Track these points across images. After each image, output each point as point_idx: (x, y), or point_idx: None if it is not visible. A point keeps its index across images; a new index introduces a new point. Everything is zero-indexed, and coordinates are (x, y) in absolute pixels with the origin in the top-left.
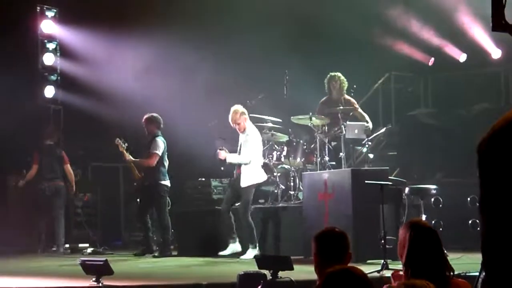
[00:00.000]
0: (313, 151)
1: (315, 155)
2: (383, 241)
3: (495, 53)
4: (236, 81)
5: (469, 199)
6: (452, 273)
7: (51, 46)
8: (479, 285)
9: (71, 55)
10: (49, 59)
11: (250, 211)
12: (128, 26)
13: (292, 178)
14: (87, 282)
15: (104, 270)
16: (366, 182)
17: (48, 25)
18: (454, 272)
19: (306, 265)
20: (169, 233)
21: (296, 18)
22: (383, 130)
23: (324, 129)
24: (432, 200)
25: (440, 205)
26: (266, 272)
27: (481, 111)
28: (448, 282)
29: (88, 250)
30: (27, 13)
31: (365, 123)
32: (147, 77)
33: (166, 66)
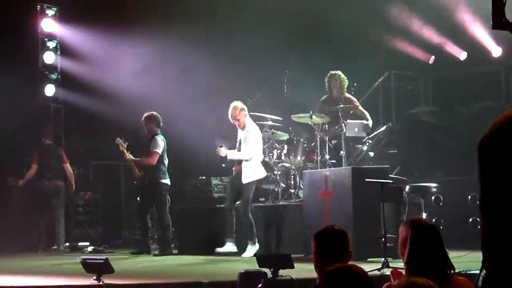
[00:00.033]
0: (314, 150)
1: (316, 154)
2: (384, 239)
3: (496, 51)
4: (236, 80)
5: (470, 197)
6: (453, 271)
7: (52, 45)
8: (480, 283)
9: (72, 54)
10: (50, 58)
11: (251, 209)
12: (129, 25)
13: (293, 177)
14: (88, 281)
15: (105, 269)
16: (367, 180)
17: (49, 24)
18: (455, 270)
19: (307, 263)
20: (170, 232)
21: (297, 17)
22: (384, 128)
23: (325, 128)
24: (433, 198)
25: (441, 203)
26: (267, 270)
27: (482, 109)
28: (449, 280)
29: (89, 249)
30: (27, 12)
31: (365, 121)
32: (148, 76)
33: (166, 65)
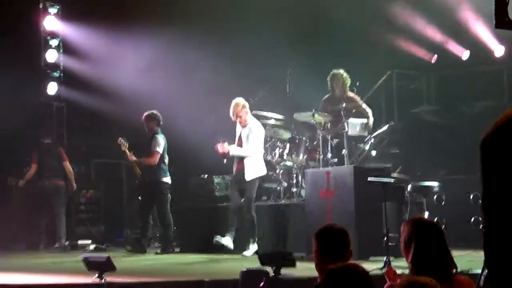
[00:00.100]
0: (316, 148)
1: (318, 152)
2: (386, 239)
3: (498, 51)
4: (238, 79)
5: (472, 197)
6: (455, 271)
7: (54, 43)
8: (482, 283)
9: (74, 52)
10: (52, 56)
11: (254, 206)
12: (131, 23)
13: (295, 175)
14: (90, 279)
15: (107, 267)
16: (369, 180)
17: (51, 22)
18: (457, 270)
19: (309, 262)
20: (171, 230)
21: (298, 16)
22: (386, 128)
23: (327, 126)
24: (435, 198)
25: (443, 203)
26: (269, 269)
27: (484, 109)
28: (451, 280)
29: (91, 247)
30: (30, 10)
31: (365, 120)
32: (150, 74)
33: (169, 64)
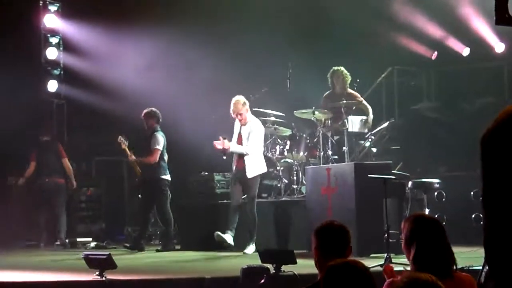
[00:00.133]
0: (316, 145)
1: (318, 149)
2: (386, 235)
3: (499, 47)
4: (239, 76)
5: (472, 193)
6: (456, 267)
7: (54, 41)
8: (483, 279)
9: (74, 50)
10: (52, 54)
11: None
12: (131, 21)
13: (295, 172)
14: (91, 276)
15: (108, 264)
16: (369, 176)
17: (51, 19)
18: (457, 266)
19: (309, 259)
20: (172, 227)
21: (299, 13)
22: (386, 124)
23: (327, 123)
24: (435, 194)
25: (443, 199)
26: (270, 266)
27: (484, 105)
28: (452, 276)
29: (91, 244)
30: (30, 8)
31: (364, 117)
32: (150, 72)
33: (169, 61)
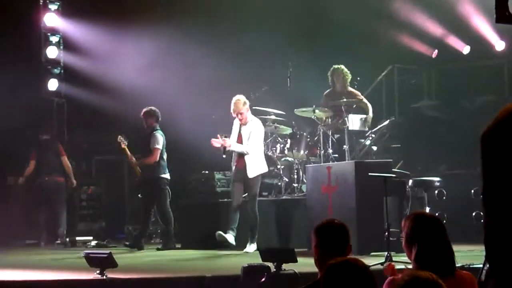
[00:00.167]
0: (317, 144)
1: (319, 148)
2: (387, 233)
3: (499, 45)
4: (239, 75)
5: (473, 191)
6: (455, 265)
7: (55, 39)
8: (483, 277)
9: (75, 48)
10: (53, 52)
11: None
12: (132, 20)
13: (296, 171)
14: (91, 275)
15: (108, 263)
16: (370, 175)
17: (51, 18)
18: (456, 264)
19: (310, 258)
20: (172, 226)
21: (299, 12)
22: (387, 123)
23: (328, 122)
24: (436, 192)
25: (444, 197)
26: (270, 265)
27: (485, 103)
28: (453, 274)
29: (92, 243)
30: (31, 6)
31: (364, 115)
32: (151, 71)
33: (169, 60)
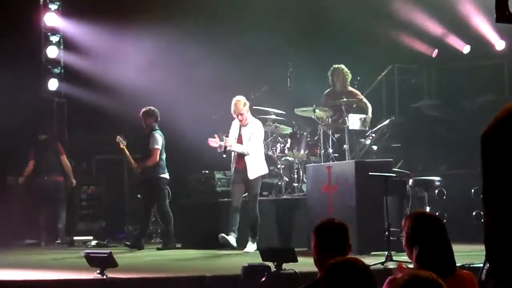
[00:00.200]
0: (317, 143)
1: (319, 147)
2: (387, 233)
3: (499, 45)
4: (239, 75)
5: (473, 191)
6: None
7: (55, 39)
8: (483, 277)
9: (75, 48)
10: (53, 52)
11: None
12: (132, 20)
13: (296, 170)
14: (92, 275)
15: (109, 263)
16: (370, 174)
17: (52, 18)
18: (456, 263)
19: (310, 257)
20: (172, 226)
21: (299, 11)
22: (387, 122)
23: (328, 121)
24: (436, 192)
25: (444, 197)
26: (270, 264)
27: (485, 103)
28: (453, 274)
29: (92, 243)
30: (31, 6)
31: (363, 115)
32: (151, 70)
33: (169, 60)
